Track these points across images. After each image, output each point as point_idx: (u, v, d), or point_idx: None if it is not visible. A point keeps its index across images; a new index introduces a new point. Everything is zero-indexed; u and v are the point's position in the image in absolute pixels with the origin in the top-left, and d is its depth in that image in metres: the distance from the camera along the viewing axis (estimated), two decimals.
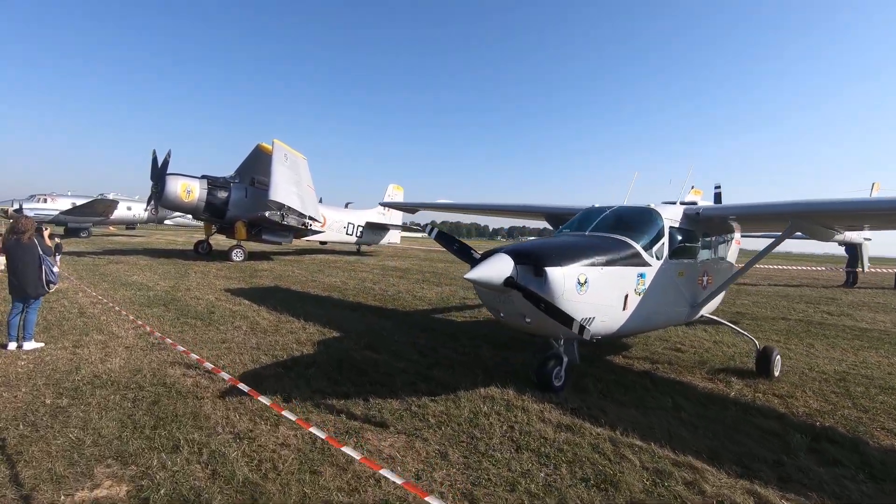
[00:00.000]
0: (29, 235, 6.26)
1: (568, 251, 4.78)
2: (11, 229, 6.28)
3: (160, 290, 11.53)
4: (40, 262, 6.28)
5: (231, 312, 9.17)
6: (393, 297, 12.00)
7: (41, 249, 6.34)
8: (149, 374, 5.40)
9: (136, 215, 40.88)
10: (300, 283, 14.00)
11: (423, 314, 9.98)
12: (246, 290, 12.08)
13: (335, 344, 7.15)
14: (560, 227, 8.27)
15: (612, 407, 4.97)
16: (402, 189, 30.94)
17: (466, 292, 13.61)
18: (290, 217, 20.28)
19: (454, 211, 10.85)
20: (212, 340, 7.10)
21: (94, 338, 6.88)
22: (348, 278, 15.76)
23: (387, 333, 7.96)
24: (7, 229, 6.34)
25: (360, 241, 27.64)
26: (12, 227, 6.29)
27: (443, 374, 5.82)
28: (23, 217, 6.42)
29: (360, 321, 8.88)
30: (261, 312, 9.34)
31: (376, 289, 13.47)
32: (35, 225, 6.46)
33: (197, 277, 14.18)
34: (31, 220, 6.40)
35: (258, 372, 5.68)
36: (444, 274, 18.64)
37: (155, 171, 19.82)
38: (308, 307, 10.06)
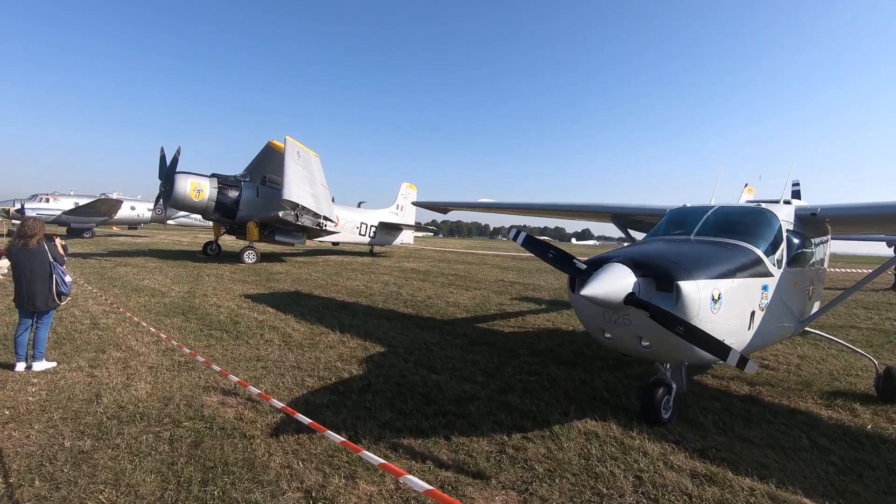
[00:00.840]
0: (37, 240, 5.47)
1: (697, 260, 3.96)
2: (18, 233, 5.48)
3: (175, 296, 10.74)
4: (51, 270, 5.49)
5: (257, 323, 8.36)
6: (425, 304, 11.19)
7: (51, 256, 5.54)
8: (182, 404, 4.60)
9: (139, 215, 40.18)
10: (321, 288, 13.19)
11: (464, 324, 9.16)
12: (266, 296, 11.28)
13: (383, 361, 6.34)
14: (625, 228, 7.55)
15: (743, 447, 4.14)
16: (415, 188, 30.18)
17: (500, 297, 12.80)
18: (304, 217, 19.48)
19: (495, 211, 10.01)
20: (244, 357, 6.29)
21: (112, 355, 6.08)
22: (369, 282, 14.95)
23: (436, 348, 7.15)
24: (14, 233, 5.53)
25: (373, 242, 26.87)
26: (18, 230, 5.48)
27: (522, 401, 5.00)
28: (30, 219, 5.62)
29: (401, 332, 8.06)
30: (289, 322, 8.53)
31: (403, 293, 12.66)
32: (44, 228, 5.66)
33: (211, 281, 13.40)
34: (40, 223, 5.60)
35: (308, 399, 4.87)
36: (468, 276, 17.82)
37: (163, 169, 19.06)
38: (339, 316, 9.26)
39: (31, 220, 5.57)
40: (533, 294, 13.75)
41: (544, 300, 12.67)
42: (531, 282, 16.78)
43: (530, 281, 17.06)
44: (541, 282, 16.88)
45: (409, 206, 29.71)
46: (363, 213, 26.43)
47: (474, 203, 9.78)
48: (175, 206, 19.41)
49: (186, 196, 18.75)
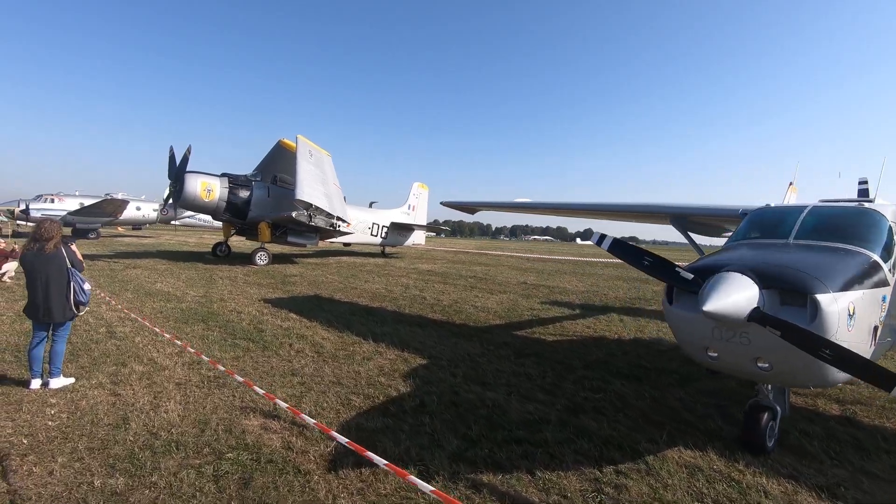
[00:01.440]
0: (54, 244, 4.97)
1: (824, 268, 3.42)
2: (32, 236, 4.98)
3: (192, 300, 10.25)
4: (68, 277, 4.99)
5: (283, 330, 7.86)
6: (453, 309, 10.66)
7: (69, 261, 5.04)
8: (220, 429, 4.08)
9: (145, 215, 39.88)
10: (340, 292, 12.68)
11: (501, 331, 8.63)
12: (286, 301, 10.78)
13: (429, 376, 5.82)
14: (685, 230, 6.99)
15: (873, 484, 3.61)
16: (426, 188, 29.67)
17: (528, 301, 12.26)
18: (317, 217, 19.00)
19: (529, 211, 9.48)
20: (278, 371, 5.77)
21: (135, 369, 5.57)
22: (388, 285, 14.43)
23: (482, 360, 6.62)
24: (29, 236, 5.04)
25: (384, 243, 26.40)
26: (33, 233, 4.99)
27: (598, 425, 4.47)
28: (46, 220, 5.11)
29: (439, 342, 7.54)
30: (316, 330, 8.03)
31: (427, 297, 12.13)
32: (62, 231, 5.16)
33: (226, 285, 12.91)
34: (56, 225, 5.10)
35: (359, 423, 4.35)
36: (488, 278, 17.28)
37: (172, 168, 18.60)
38: (367, 323, 8.75)
39: (48, 222, 5.07)
40: (561, 297, 13.21)
41: (575, 304, 12.12)
42: (554, 284, 16.24)
43: (553, 283, 16.51)
44: (564, 284, 16.33)
45: (421, 205, 29.24)
46: (375, 214, 25.94)
47: (508, 203, 9.26)
48: (185, 207, 18.95)
49: (197, 196, 18.28)
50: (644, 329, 9.21)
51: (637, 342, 8.10)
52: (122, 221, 37.90)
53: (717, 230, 7.47)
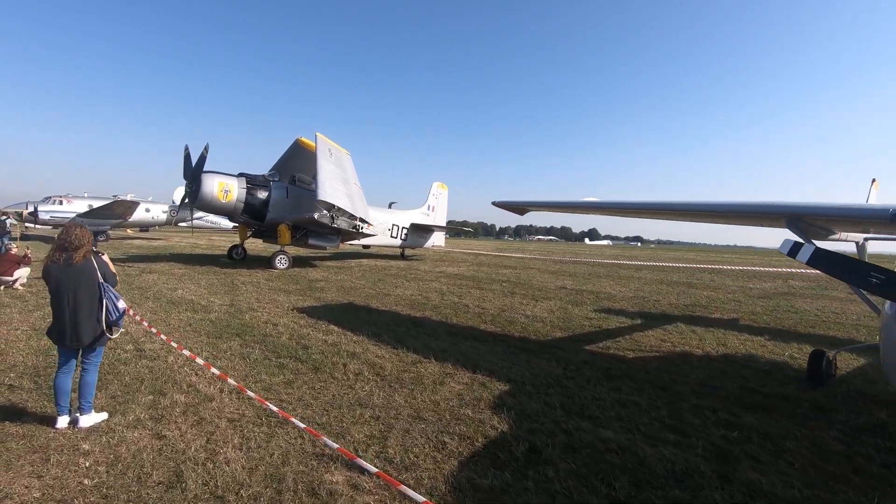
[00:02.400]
0: (84, 253, 4.14)
1: None
2: (58, 245, 4.15)
3: (219, 310, 9.43)
4: (101, 293, 4.15)
5: (330, 347, 7.01)
6: (504, 319, 9.78)
7: (101, 275, 4.21)
8: (301, 490, 3.24)
9: (154, 217, 39.25)
10: (374, 299, 11.83)
11: (569, 346, 7.75)
12: (320, 310, 9.94)
13: (521, 406, 4.94)
14: (805, 234, 6.05)
15: None
16: (446, 187, 28.83)
17: (579, 308, 11.35)
18: (340, 219, 18.18)
19: (601, 212, 8.53)
20: (342, 402, 4.91)
21: (176, 400, 4.73)
22: (422, 290, 13.56)
23: (570, 384, 5.74)
24: (53, 245, 4.20)
25: (404, 245, 25.58)
26: (59, 241, 4.15)
27: (769, 481, 3.58)
28: (75, 226, 4.26)
29: (509, 360, 6.69)
30: (366, 346, 7.18)
31: (469, 305, 11.25)
32: (92, 238, 4.32)
33: (251, 291, 12.10)
34: (86, 232, 4.26)
35: (470, 478, 3.48)
36: (523, 283, 16.36)
37: (188, 168, 17.84)
38: (419, 336, 7.91)
39: (76, 228, 4.23)
40: (612, 304, 12.28)
41: (631, 312, 11.20)
42: (596, 289, 15.30)
43: (594, 288, 15.57)
44: (607, 289, 15.39)
45: (441, 206, 28.40)
46: (394, 214, 25.13)
47: (572, 203, 8.33)
48: (201, 208, 18.20)
49: (214, 197, 17.52)
50: (726, 343, 8.28)
51: (729, 360, 7.18)
52: (132, 223, 37.33)
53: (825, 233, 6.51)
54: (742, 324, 10.29)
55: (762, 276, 22.07)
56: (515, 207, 10.02)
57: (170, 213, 39.40)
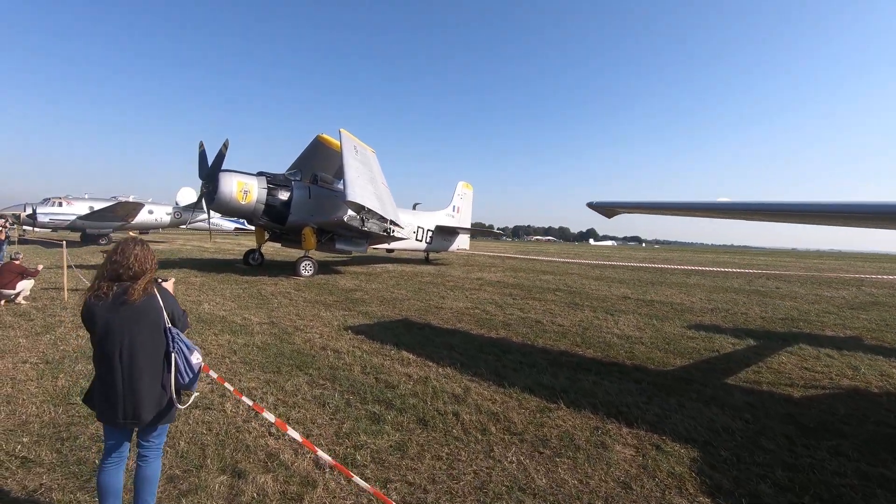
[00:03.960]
0: (146, 284, 2.75)
1: None
2: (108, 271, 2.75)
3: (260, 330, 8.08)
4: (168, 344, 2.76)
5: (421, 385, 5.64)
6: (596, 340, 8.40)
7: (168, 316, 2.81)
8: None
9: (157, 219, 37.89)
10: (429, 313, 10.45)
11: (709, 382, 6.35)
12: (377, 329, 8.55)
13: (733, 487, 3.53)
14: None
15: None
16: (471, 187, 27.46)
17: (669, 325, 9.95)
18: (370, 221, 16.80)
19: (730, 216, 7.10)
20: (498, 485, 3.53)
21: (263, 486, 3.35)
22: (475, 302, 12.16)
23: (775, 447, 4.33)
24: (98, 272, 2.78)
25: (429, 248, 24.22)
26: (111, 265, 2.75)
27: None
28: (133, 243, 2.80)
29: (663, 407, 5.32)
30: (464, 383, 5.81)
31: (544, 322, 9.86)
32: (156, 261, 2.92)
33: (285, 305, 10.73)
34: (148, 252, 2.85)
35: None
36: (577, 291, 14.93)
37: (204, 167, 16.47)
38: (519, 367, 6.57)
39: (136, 246, 2.82)
40: (697, 319, 10.89)
41: (728, 328, 9.79)
42: (663, 299, 13.88)
43: (661, 298, 14.15)
44: (674, 298, 13.98)
45: (466, 207, 27.04)
46: (419, 216, 23.78)
47: (712, 204, 6.90)
48: (219, 210, 16.78)
49: (232, 198, 16.14)
50: (892, 374, 6.87)
51: None
52: (134, 226, 35.98)
53: None
54: (869, 343, 8.90)
55: (828, 283, 20.67)
56: (607, 209, 8.65)
57: (174, 215, 38.11)
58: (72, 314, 8.96)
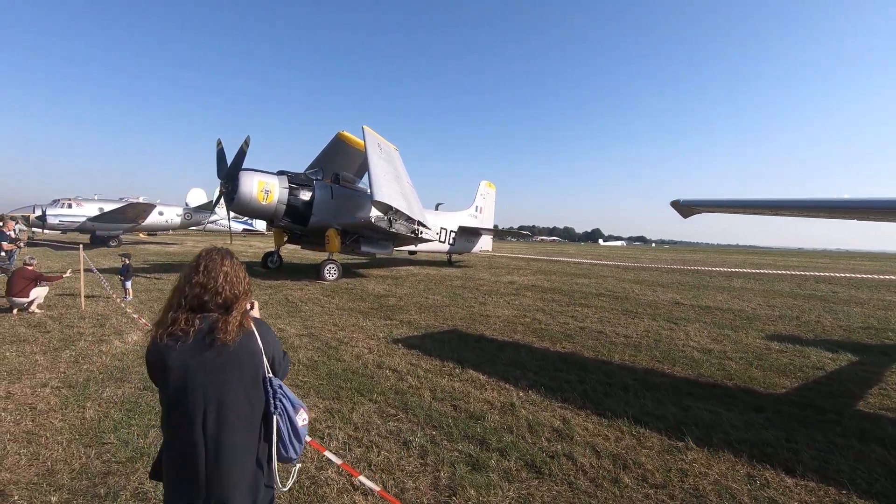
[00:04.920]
0: (242, 317, 1.92)
1: None
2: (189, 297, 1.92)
3: (302, 343, 7.32)
4: (269, 402, 1.92)
5: (509, 416, 4.83)
6: (678, 356, 7.55)
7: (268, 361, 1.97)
8: None
9: (168, 220, 37.38)
10: (477, 322, 9.63)
11: (844, 411, 5.46)
12: (429, 342, 7.74)
13: None
14: None
15: None
16: (494, 186, 26.61)
17: (745, 336, 9.04)
18: (398, 222, 15.99)
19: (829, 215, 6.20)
20: None
21: None
22: (521, 310, 11.31)
23: None
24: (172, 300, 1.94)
25: (452, 250, 23.40)
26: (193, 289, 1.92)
27: None
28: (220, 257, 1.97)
29: (817, 448, 4.43)
30: (558, 411, 4.97)
31: (607, 332, 9.00)
32: (249, 281, 2.09)
33: (318, 313, 9.97)
34: (239, 267, 2.03)
35: None
36: (622, 297, 14.00)
37: (223, 166, 15.75)
38: (610, 390, 5.73)
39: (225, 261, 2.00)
40: (771, 328, 9.96)
41: (810, 340, 8.85)
42: (718, 305, 12.94)
43: (715, 304, 13.21)
44: (730, 304, 13.03)
45: (489, 207, 26.20)
46: (442, 217, 22.98)
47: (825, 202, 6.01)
48: (239, 211, 16.06)
49: (253, 198, 15.43)
50: None
51: None
52: (145, 227, 35.50)
53: None
54: None
55: (885, 286, 19.59)
56: (685, 208, 7.78)
57: (184, 216, 37.61)
58: (91, 324, 8.22)
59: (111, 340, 7.16)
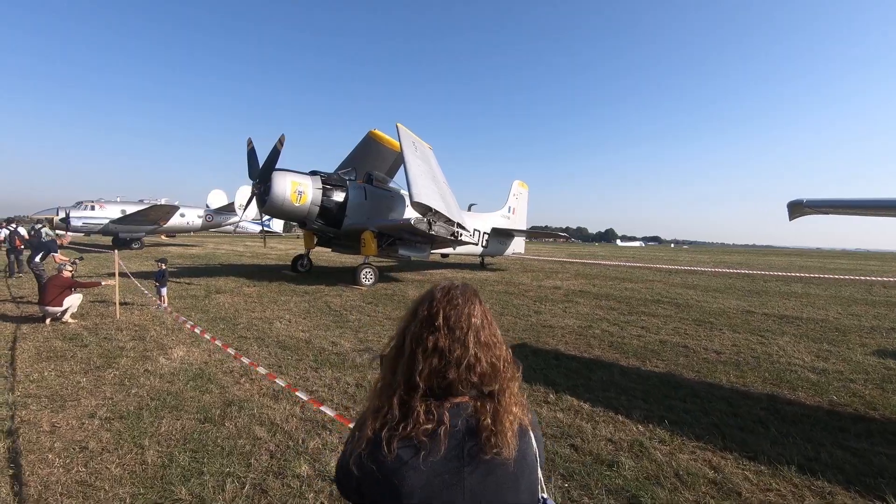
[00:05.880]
0: (518, 410, 1.21)
1: None
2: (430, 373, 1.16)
3: (363, 360, 6.54)
4: None
5: (637, 455, 4.02)
6: (795, 378, 6.65)
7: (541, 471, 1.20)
8: None
9: (189, 222, 37.28)
10: (542, 334, 8.85)
11: None
12: None
13: None
14: None
15: None
16: (527, 186, 25.76)
17: (849, 351, 8.06)
18: (437, 224, 15.25)
19: None
20: None
21: None
22: (585, 320, 10.45)
23: None
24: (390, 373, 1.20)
25: (485, 252, 22.59)
26: (427, 357, 1.17)
27: None
28: (458, 294, 1.26)
29: None
30: (688, 450, 4.15)
31: (691, 346, 8.13)
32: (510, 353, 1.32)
33: (365, 321, 9.35)
34: (488, 311, 1.31)
35: None
36: (684, 304, 13.03)
37: (254, 166, 15.20)
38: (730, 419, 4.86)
39: (474, 302, 1.33)
40: (882, 343, 8.96)
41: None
42: (791, 313, 11.91)
43: (785, 311, 12.18)
44: (805, 313, 11.99)
45: (521, 207, 25.36)
46: (476, 218, 22.16)
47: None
48: (271, 213, 15.49)
49: (286, 199, 14.83)
50: None
51: None
52: (167, 229, 35.41)
53: None
54: None
55: None
56: (798, 208, 6.89)
57: (205, 218, 37.49)
58: (130, 337, 7.62)
59: (156, 357, 6.52)
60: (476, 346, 1.18)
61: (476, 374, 1.16)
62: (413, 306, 1.27)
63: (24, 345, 7.07)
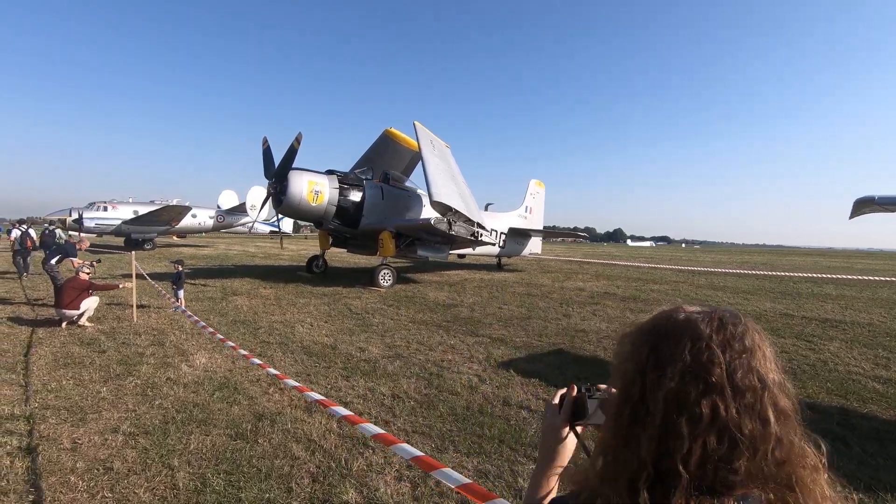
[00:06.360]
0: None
1: None
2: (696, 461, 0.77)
3: (393, 368, 6.27)
4: None
5: None
6: (862, 388, 6.15)
7: None
8: None
9: (201, 223, 37.28)
10: (573, 338, 8.45)
11: None
12: (537, 367, 6.63)
13: None
14: None
15: None
16: (543, 185, 25.31)
17: None
18: (457, 224, 14.88)
19: None
20: None
21: None
22: (610, 321, 10.08)
23: None
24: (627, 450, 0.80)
25: (502, 253, 22.19)
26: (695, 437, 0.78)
27: None
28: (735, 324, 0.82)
29: None
30: None
31: None
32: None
33: (390, 325, 9.00)
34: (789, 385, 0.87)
35: None
36: None
37: (270, 165, 14.90)
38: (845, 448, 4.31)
39: (765, 350, 0.85)
40: None
41: None
42: (837, 317, 11.38)
43: (833, 315, 11.65)
44: (850, 316, 11.45)
45: (538, 207, 24.91)
46: (493, 218, 21.74)
47: None
48: (287, 213, 15.23)
49: (303, 199, 14.53)
50: None
51: None
52: (178, 230, 35.39)
53: None
54: None
55: None
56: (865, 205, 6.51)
57: (216, 219, 37.45)
58: (149, 342, 7.33)
59: (177, 364, 6.21)
60: (777, 417, 0.78)
61: (775, 461, 0.77)
62: (645, 338, 0.87)
63: (40, 350, 6.80)
